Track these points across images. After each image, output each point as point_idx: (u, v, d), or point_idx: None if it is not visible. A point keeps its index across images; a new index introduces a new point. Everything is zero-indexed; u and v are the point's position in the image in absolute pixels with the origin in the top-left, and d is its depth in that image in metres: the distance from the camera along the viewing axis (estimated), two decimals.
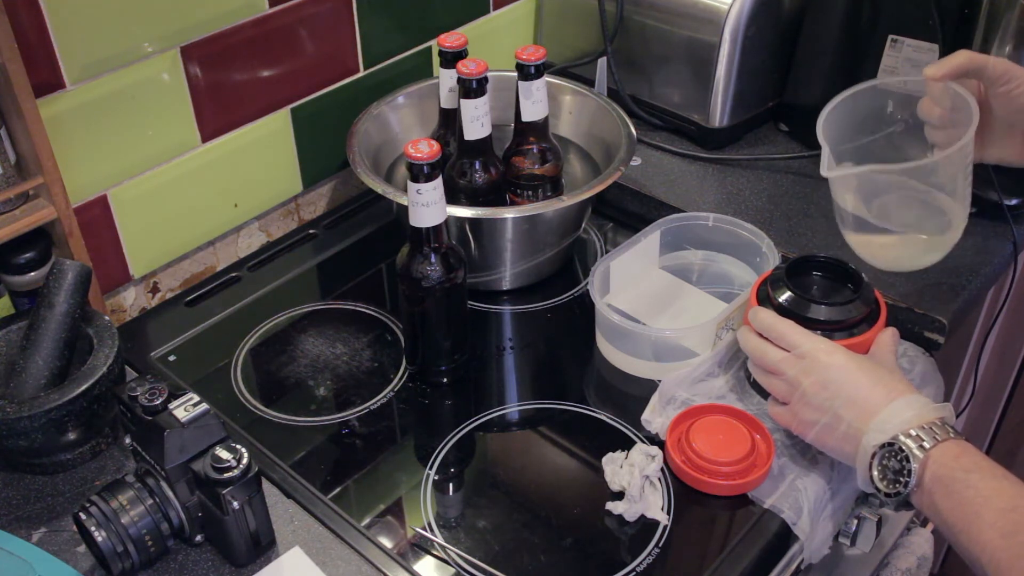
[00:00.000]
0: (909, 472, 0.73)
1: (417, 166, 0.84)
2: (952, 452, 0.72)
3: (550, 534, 0.82)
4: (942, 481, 0.71)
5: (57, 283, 0.85)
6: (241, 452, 0.74)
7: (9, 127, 0.87)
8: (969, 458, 0.72)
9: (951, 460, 0.72)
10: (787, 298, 0.87)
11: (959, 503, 0.70)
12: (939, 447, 0.73)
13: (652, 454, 0.85)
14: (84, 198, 0.98)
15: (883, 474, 0.75)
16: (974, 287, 1.03)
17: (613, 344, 0.98)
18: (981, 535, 0.68)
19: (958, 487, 0.70)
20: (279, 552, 0.80)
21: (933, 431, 0.74)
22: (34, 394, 0.83)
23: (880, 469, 0.75)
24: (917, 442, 0.73)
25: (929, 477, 0.72)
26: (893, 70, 1.12)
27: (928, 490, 0.72)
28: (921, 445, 0.73)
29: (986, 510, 0.68)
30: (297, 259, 1.15)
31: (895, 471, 0.74)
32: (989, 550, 0.67)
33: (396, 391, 0.96)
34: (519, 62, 1.00)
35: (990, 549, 0.67)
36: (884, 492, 0.75)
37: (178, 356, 1.01)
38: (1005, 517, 0.67)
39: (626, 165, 1.06)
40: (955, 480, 0.71)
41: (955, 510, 0.70)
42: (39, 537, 0.81)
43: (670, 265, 1.08)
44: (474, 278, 1.06)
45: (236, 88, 1.06)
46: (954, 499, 0.70)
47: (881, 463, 0.75)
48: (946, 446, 0.73)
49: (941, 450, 0.72)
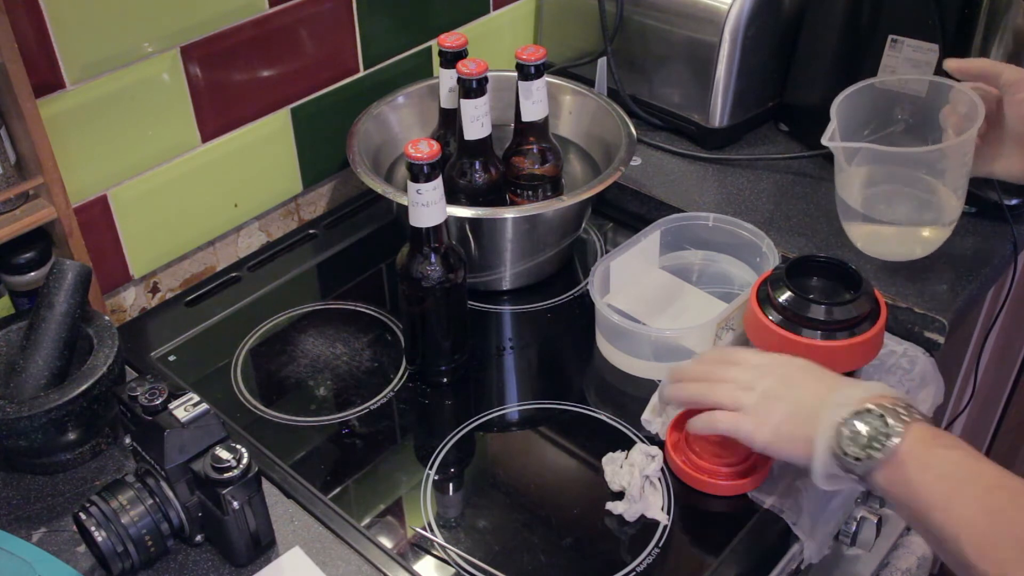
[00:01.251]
0: (888, 437, 0.68)
1: (417, 166, 0.84)
2: (930, 430, 0.69)
3: (550, 534, 0.82)
4: (920, 457, 0.67)
5: (57, 283, 0.85)
6: (241, 452, 0.74)
7: (9, 127, 0.87)
8: (947, 439, 0.69)
9: (930, 437, 0.68)
10: (787, 298, 0.87)
11: (938, 478, 0.66)
12: (917, 423, 0.69)
13: (652, 454, 0.85)
14: (84, 198, 0.98)
15: (854, 439, 0.70)
16: (974, 287, 1.03)
17: (613, 344, 0.98)
18: (963, 511, 0.64)
19: (938, 462, 0.67)
20: (279, 552, 0.80)
21: (909, 408, 0.70)
22: (34, 394, 0.83)
23: (851, 434, 0.70)
24: (894, 414, 0.69)
25: (905, 448, 0.68)
26: (893, 70, 1.12)
27: (901, 463, 0.68)
28: (900, 417, 0.69)
29: (969, 486, 0.65)
30: (297, 259, 1.15)
31: (870, 436, 0.69)
32: (970, 527, 0.63)
33: (396, 391, 0.96)
34: (519, 62, 1.00)
35: (971, 526, 0.63)
36: (854, 457, 0.70)
37: (178, 356, 1.01)
38: (990, 494, 0.64)
39: (626, 165, 1.06)
40: (935, 455, 0.67)
41: (933, 485, 0.66)
42: (39, 537, 0.81)
43: (670, 265, 1.08)
44: (474, 278, 1.06)
45: (236, 88, 1.06)
46: (932, 473, 0.66)
47: (854, 427, 0.70)
48: (923, 424, 0.69)
49: (919, 426, 0.69)
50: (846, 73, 1.17)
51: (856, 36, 1.15)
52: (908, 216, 1.03)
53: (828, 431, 0.72)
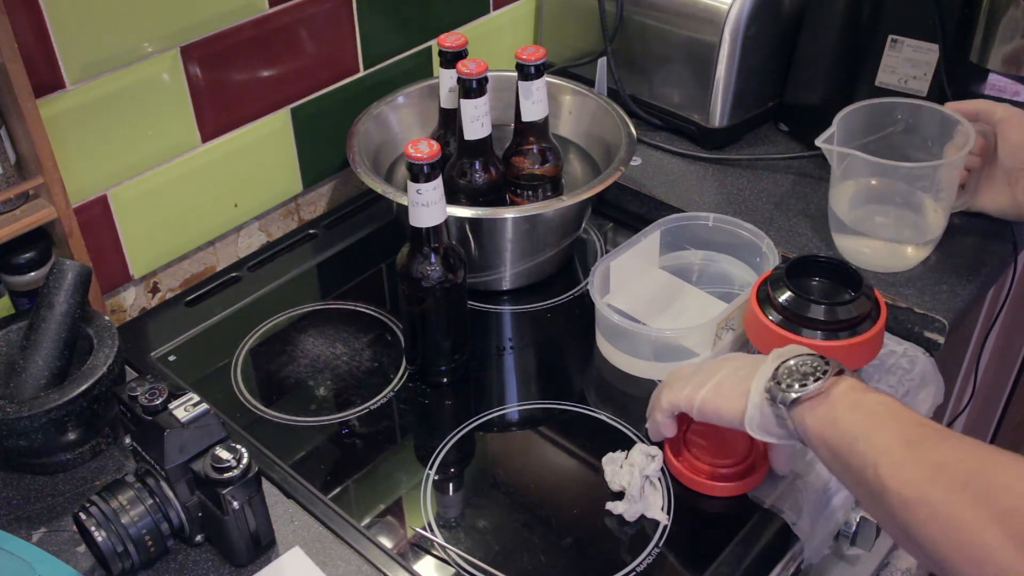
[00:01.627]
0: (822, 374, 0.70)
1: (417, 166, 0.84)
2: (863, 384, 0.71)
3: (550, 534, 0.82)
4: (850, 397, 0.69)
5: (57, 283, 0.85)
6: (241, 452, 0.74)
7: (9, 127, 0.87)
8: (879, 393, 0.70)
9: (861, 387, 0.70)
10: (787, 298, 0.87)
11: (865, 415, 0.68)
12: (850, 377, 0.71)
13: (652, 454, 0.85)
14: (84, 198, 0.98)
15: (788, 373, 0.72)
16: (974, 287, 1.03)
17: (613, 344, 0.98)
18: (881, 440, 0.65)
19: (867, 403, 0.68)
20: (279, 552, 0.80)
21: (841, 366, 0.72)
22: (34, 394, 0.83)
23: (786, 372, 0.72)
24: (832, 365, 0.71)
25: (838, 391, 0.70)
26: (893, 70, 1.12)
27: (832, 403, 0.69)
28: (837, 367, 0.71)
29: (893, 422, 0.66)
30: (297, 259, 1.15)
31: (804, 374, 0.71)
32: (888, 454, 0.64)
33: (396, 391, 0.96)
34: (519, 62, 1.00)
35: (889, 452, 0.64)
36: (785, 385, 0.71)
37: (178, 356, 1.01)
38: (913, 430, 0.65)
39: (626, 165, 1.06)
40: (865, 398, 0.69)
41: (858, 421, 0.67)
42: (39, 537, 0.81)
43: (670, 265, 1.08)
44: (474, 278, 1.06)
45: (236, 88, 1.06)
46: (859, 412, 0.68)
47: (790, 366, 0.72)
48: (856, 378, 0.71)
49: (853, 378, 0.71)
50: (846, 73, 1.17)
51: (856, 36, 1.15)
52: (892, 233, 1.05)
53: (766, 372, 0.74)
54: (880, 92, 1.13)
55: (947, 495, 0.60)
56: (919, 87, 1.11)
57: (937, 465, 0.62)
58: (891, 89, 1.13)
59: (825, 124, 1.01)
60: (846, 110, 1.02)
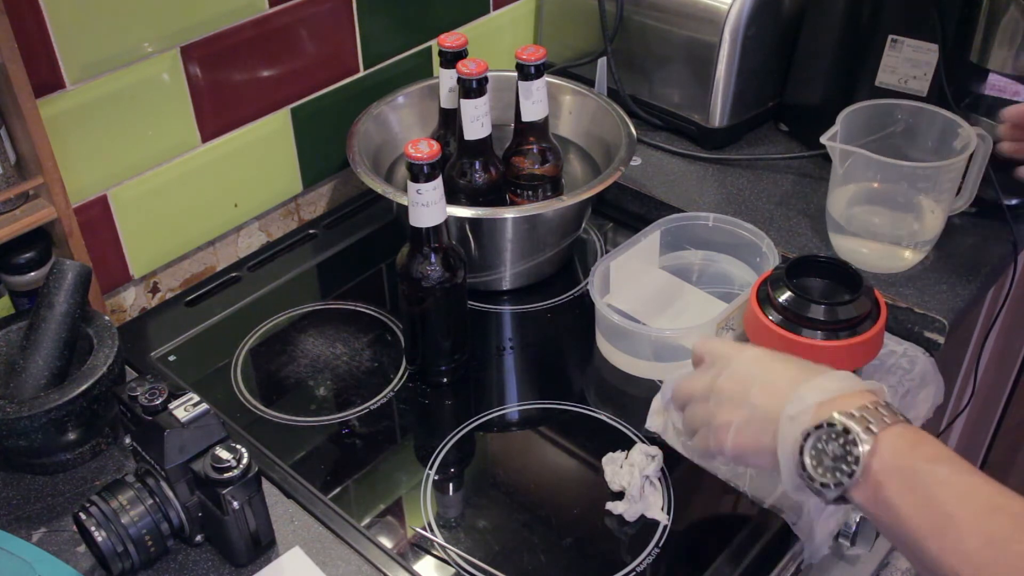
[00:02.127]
0: (855, 459, 0.59)
1: (417, 166, 0.84)
2: (908, 438, 0.59)
3: (550, 534, 0.82)
4: (900, 472, 0.58)
5: (57, 283, 0.85)
6: (241, 452, 0.74)
7: (9, 127, 0.87)
8: (930, 447, 0.59)
9: (907, 447, 0.59)
10: (787, 298, 0.87)
11: (925, 501, 0.57)
12: (890, 430, 0.59)
13: (652, 454, 0.85)
14: (84, 198, 0.98)
15: (818, 460, 0.61)
16: (974, 287, 1.03)
17: (613, 344, 0.98)
18: (960, 543, 0.55)
19: (922, 480, 0.57)
20: (279, 552, 0.80)
21: (878, 411, 0.60)
22: (34, 394, 0.83)
23: (814, 454, 0.62)
24: (862, 423, 0.60)
25: (880, 466, 0.59)
26: (893, 70, 1.12)
27: (878, 482, 0.59)
28: (868, 427, 0.60)
29: (963, 511, 0.56)
30: (297, 259, 1.15)
31: (835, 456, 0.60)
32: (973, 561, 0.54)
33: (396, 391, 0.96)
34: (519, 62, 1.00)
35: (975, 560, 0.54)
36: (820, 483, 0.61)
37: (178, 356, 1.01)
38: (990, 520, 0.55)
39: (626, 165, 1.06)
40: (917, 472, 0.58)
41: (920, 509, 0.57)
42: (39, 537, 0.81)
43: (670, 265, 1.08)
44: (474, 278, 1.06)
45: (236, 88, 1.06)
46: (918, 496, 0.57)
47: (816, 447, 0.62)
48: (898, 430, 0.59)
49: (894, 433, 0.59)
50: (846, 73, 1.17)
51: (856, 36, 1.15)
52: (889, 234, 1.05)
53: (788, 450, 0.64)
54: (880, 92, 1.13)
55: None
56: (919, 87, 1.11)
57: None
58: (891, 89, 1.13)
59: (825, 124, 1.01)
60: (848, 109, 1.03)
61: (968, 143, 0.98)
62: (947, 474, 0.58)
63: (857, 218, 1.06)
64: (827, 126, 1.00)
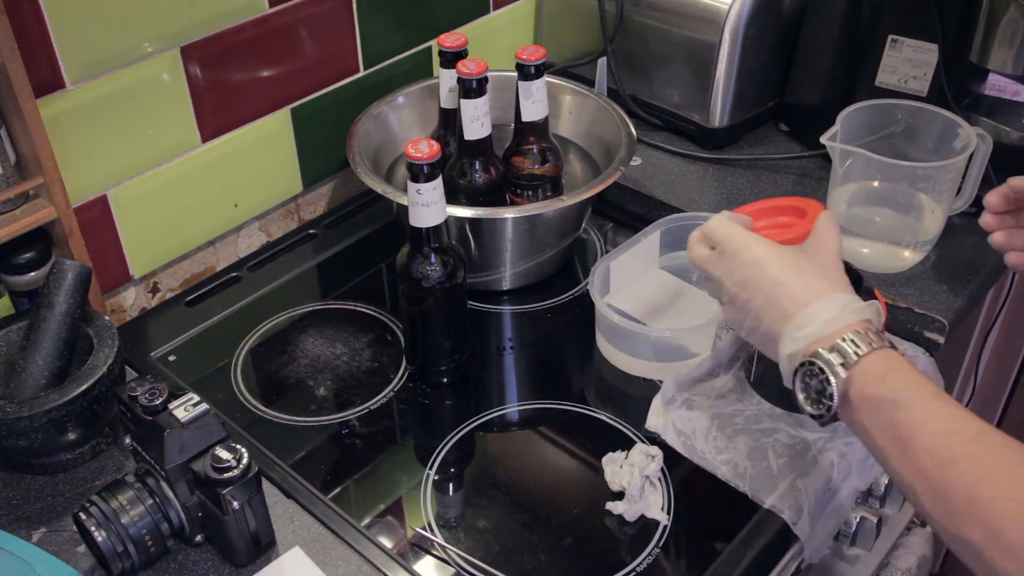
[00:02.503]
0: (830, 396, 0.67)
1: (417, 166, 0.84)
2: (878, 370, 0.66)
3: (550, 534, 0.82)
4: (869, 401, 0.66)
5: (57, 283, 0.85)
6: (241, 452, 0.74)
7: (9, 127, 0.87)
8: (897, 376, 0.66)
9: (876, 380, 0.66)
10: None
11: (889, 425, 0.65)
12: (862, 363, 0.67)
13: (652, 454, 0.85)
14: (84, 198, 0.98)
15: (807, 394, 0.70)
16: (974, 287, 1.03)
17: (613, 344, 0.98)
18: (914, 461, 0.62)
19: (887, 409, 0.65)
20: (279, 552, 0.80)
21: (855, 343, 0.67)
22: (34, 394, 0.83)
23: (803, 388, 0.70)
24: (839, 358, 0.67)
25: (855, 394, 0.67)
26: (893, 70, 1.12)
27: (856, 408, 0.67)
28: (844, 362, 0.67)
29: (919, 434, 0.63)
30: (297, 259, 1.15)
31: (817, 391, 0.69)
32: (924, 478, 0.62)
33: (396, 391, 0.96)
34: (519, 62, 1.00)
35: (925, 477, 0.62)
36: (811, 413, 0.70)
37: (178, 356, 1.01)
38: (939, 443, 0.62)
39: (626, 165, 1.06)
40: (883, 401, 0.65)
41: (884, 432, 0.65)
42: (39, 537, 0.81)
43: (670, 265, 1.08)
44: (474, 278, 1.06)
45: (236, 88, 1.06)
46: (883, 420, 0.65)
47: (804, 381, 0.70)
48: (870, 361, 0.67)
49: (865, 367, 0.67)
50: (846, 73, 1.17)
51: (856, 36, 1.15)
52: (889, 234, 1.05)
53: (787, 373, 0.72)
54: (880, 92, 1.13)
55: None
56: (919, 87, 1.11)
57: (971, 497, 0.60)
58: (891, 89, 1.13)
59: (825, 124, 1.01)
60: (848, 109, 1.03)
61: (968, 143, 0.98)
62: (910, 400, 0.64)
63: (857, 218, 1.06)
64: (827, 126, 1.00)
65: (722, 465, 0.86)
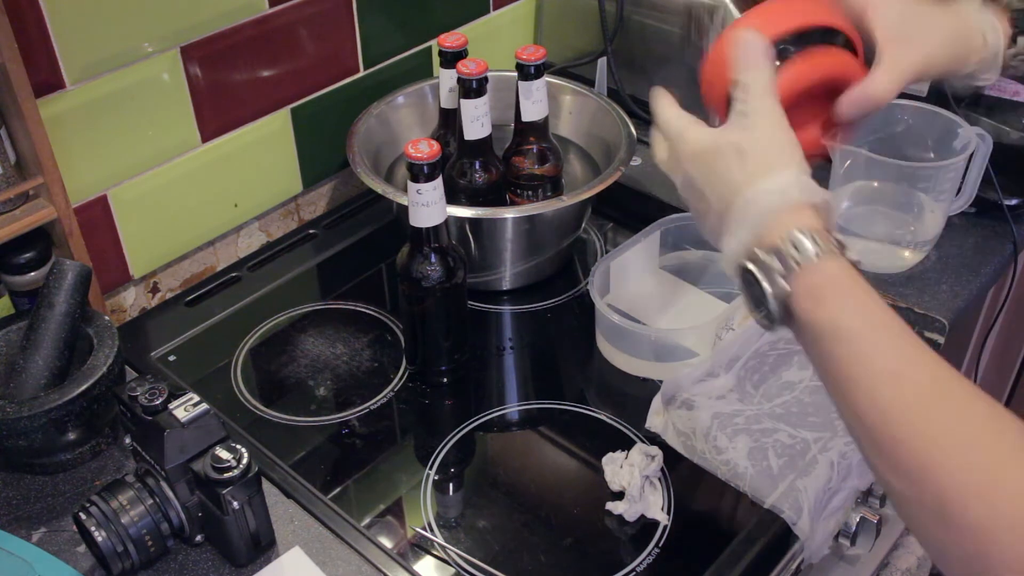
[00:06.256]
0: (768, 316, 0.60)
1: (417, 166, 0.84)
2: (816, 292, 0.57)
3: (550, 534, 0.82)
4: (809, 327, 0.58)
5: (57, 283, 0.85)
6: (241, 452, 0.74)
7: (9, 127, 0.87)
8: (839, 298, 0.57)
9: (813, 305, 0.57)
10: None
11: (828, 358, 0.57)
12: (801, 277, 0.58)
13: (652, 454, 0.85)
14: (84, 198, 0.98)
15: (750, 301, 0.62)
16: (974, 287, 1.03)
17: (613, 344, 0.98)
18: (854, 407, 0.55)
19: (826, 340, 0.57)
20: (279, 552, 0.80)
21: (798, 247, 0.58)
22: (34, 394, 0.83)
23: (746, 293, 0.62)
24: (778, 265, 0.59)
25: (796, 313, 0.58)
26: None
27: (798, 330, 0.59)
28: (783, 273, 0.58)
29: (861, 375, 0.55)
30: (297, 259, 1.15)
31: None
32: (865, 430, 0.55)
33: (396, 391, 0.96)
34: (519, 62, 1.00)
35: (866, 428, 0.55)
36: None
37: (178, 356, 1.01)
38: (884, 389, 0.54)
39: (626, 165, 1.06)
40: (824, 333, 0.57)
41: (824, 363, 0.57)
42: (39, 537, 0.81)
43: (670, 265, 1.08)
44: (474, 278, 1.06)
45: (236, 88, 1.06)
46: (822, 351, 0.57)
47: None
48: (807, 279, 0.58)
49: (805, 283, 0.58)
50: None
51: None
52: (889, 234, 1.05)
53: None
54: None
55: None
56: (919, 87, 1.11)
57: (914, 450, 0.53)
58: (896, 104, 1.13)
59: None
60: None
61: (968, 143, 0.98)
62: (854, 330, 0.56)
63: (857, 218, 1.06)
64: None
65: (722, 465, 0.86)
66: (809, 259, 0.58)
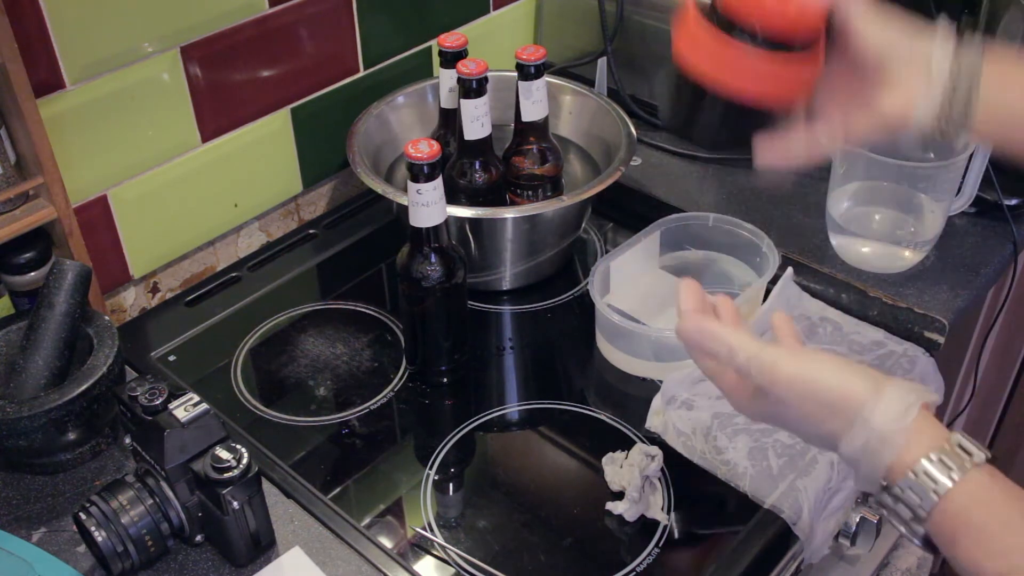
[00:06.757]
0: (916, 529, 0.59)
1: (417, 166, 0.84)
2: (948, 534, 0.57)
3: (550, 534, 0.82)
4: (951, 560, 0.57)
5: (57, 283, 0.85)
6: (241, 452, 0.74)
7: (9, 127, 0.87)
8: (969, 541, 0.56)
9: (949, 544, 0.57)
10: None
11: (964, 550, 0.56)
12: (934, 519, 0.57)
13: (652, 454, 0.85)
14: (84, 198, 0.98)
15: (892, 513, 0.60)
16: (974, 287, 1.03)
17: (613, 344, 0.98)
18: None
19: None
20: (279, 552, 0.80)
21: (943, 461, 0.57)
22: (34, 394, 0.83)
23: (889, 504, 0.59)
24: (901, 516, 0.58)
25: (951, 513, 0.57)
26: None
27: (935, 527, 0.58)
28: (909, 523, 0.58)
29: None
30: (297, 259, 1.15)
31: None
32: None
33: (396, 391, 0.96)
34: (519, 62, 1.00)
35: None
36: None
37: (178, 356, 1.01)
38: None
39: (626, 165, 1.06)
40: (965, 572, 0.56)
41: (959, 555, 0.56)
42: (39, 537, 0.81)
43: (670, 265, 1.08)
44: (474, 278, 1.06)
45: (236, 88, 1.06)
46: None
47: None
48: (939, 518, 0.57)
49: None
50: None
51: None
52: (889, 234, 1.05)
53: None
54: None
55: None
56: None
57: None
58: None
59: None
60: None
61: (968, 143, 0.98)
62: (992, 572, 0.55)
63: (857, 218, 1.06)
64: None
65: (722, 465, 0.86)
66: (944, 488, 0.56)
